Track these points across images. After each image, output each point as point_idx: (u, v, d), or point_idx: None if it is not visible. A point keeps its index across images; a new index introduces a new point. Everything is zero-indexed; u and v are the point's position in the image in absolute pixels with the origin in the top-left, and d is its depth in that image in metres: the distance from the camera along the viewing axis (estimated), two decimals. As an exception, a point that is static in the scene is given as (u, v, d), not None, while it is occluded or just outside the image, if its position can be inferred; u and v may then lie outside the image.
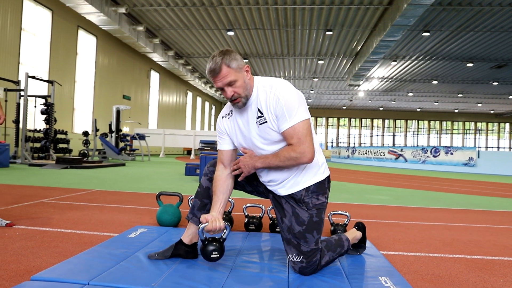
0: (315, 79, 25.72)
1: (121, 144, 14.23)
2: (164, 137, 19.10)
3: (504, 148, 39.14)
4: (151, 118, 22.96)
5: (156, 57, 19.76)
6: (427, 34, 15.33)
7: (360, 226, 2.15)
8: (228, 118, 1.87)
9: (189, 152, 26.27)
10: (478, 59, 18.90)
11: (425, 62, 20.08)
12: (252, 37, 17.34)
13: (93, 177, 6.51)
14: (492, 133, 40.59)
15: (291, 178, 1.78)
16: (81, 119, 15.70)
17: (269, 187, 1.88)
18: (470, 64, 19.64)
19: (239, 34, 16.89)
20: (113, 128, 13.71)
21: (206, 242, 1.69)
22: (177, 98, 27.15)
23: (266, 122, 1.70)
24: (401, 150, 17.89)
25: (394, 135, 40.05)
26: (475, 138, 40.53)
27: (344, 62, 21.17)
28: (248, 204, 2.83)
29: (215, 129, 37.71)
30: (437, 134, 39.59)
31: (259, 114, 1.72)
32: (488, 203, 5.12)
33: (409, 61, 20.17)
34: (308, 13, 14.00)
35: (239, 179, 1.85)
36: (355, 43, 17.69)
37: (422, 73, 22.66)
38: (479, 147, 18.73)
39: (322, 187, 1.81)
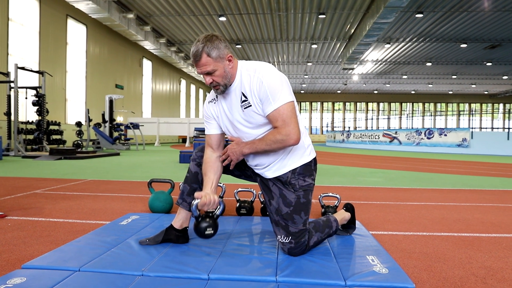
0: (309, 64, 25.58)
1: (115, 134, 14.18)
2: (158, 125, 19.03)
3: (498, 128, 39.40)
4: (144, 107, 22.82)
5: (148, 45, 19.53)
6: (421, 15, 15.23)
7: (349, 207, 2.18)
8: (214, 103, 1.88)
9: (184, 140, 26.23)
10: (472, 39, 18.84)
11: (418, 44, 20.00)
12: (244, 22, 17.15)
13: (87, 167, 6.50)
14: (486, 114, 40.79)
15: (277, 161, 1.79)
16: (74, 109, 15.57)
17: (256, 171, 1.89)
18: (464, 45, 19.59)
19: (231, 19, 16.69)
20: (107, 118, 13.62)
21: (200, 219, 1.68)
22: (171, 86, 26.96)
23: (251, 106, 1.71)
24: (396, 132, 17.97)
25: (388, 118, 40.15)
26: (469, 119, 40.74)
27: (338, 45, 21.04)
28: (240, 189, 2.85)
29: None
30: (432, 116, 39.71)
31: (244, 98, 1.72)
32: (479, 183, 5.18)
33: (402, 43, 20.08)
34: (300, -4, 13.85)
35: (230, 168, 1.86)
36: (348, 26, 17.55)
37: (416, 55, 22.60)
38: (473, 128, 18.79)
39: (309, 169, 1.83)
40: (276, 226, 1.81)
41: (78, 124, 12.34)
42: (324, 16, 15.61)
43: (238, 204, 2.73)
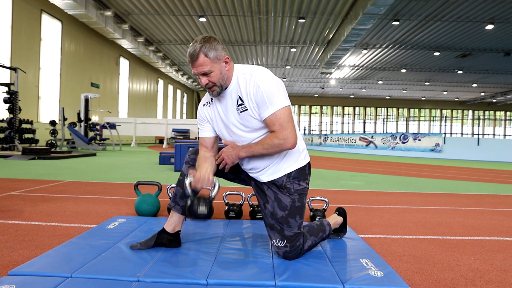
0: (288, 67, 25.77)
1: (91, 134, 13.80)
2: (135, 126, 18.68)
3: (467, 134, 40.92)
4: (121, 106, 22.34)
5: (126, 44, 19.15)
6: (397, 23, 15.64)
7: (341, 211, 2.20)
8: (209, 106, 1.87)
9: (161, 141, 25.86)
10: (445, 48, 19.50)
11: (394, 50, 20.52)
12: (224, 24, 17.10)
13: (63, 167, 6.30)
14: (456, 120, 42.30)
15: (272, 165, 1.80)
16: (47, 108, 15.04)
17: (251, 174, 1.89)
18: (437, 53, 20.25)
19: (211, 20, 16.61)
20: (82, 117, 13.25)
21: (193, 198, 1.61)
22: (148, 86, 26.53)
23: (247, 109, 1.71)
24: (372, 137, 18.36)
25: (364, 122, 40.95)
26: (440, 125, 42.11)
27: (316, 50, 21.30)
28: (228, 192, 2.84)
29: (187, 117, 37.24)
30: (405, 121, 40.82)
31: (240, 102, 1.72)
32: (455, 187, 5.36)
33: (379, 50, 20.55)
34: (281, 0, 13.94)
35: (225, 171, 1.84)
36: (327, 31, 17.80)
37: (392, 61, 23.18)
38: (444, 133, 19.48)
39: (303, 173, 1.84)
40: (271, 230, 1.81)
41: (52, 123, 11.93)
42: (304, 20, 15.77)
43: (226, 207, 2.72)
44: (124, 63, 22.44)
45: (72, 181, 4.60)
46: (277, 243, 1.77)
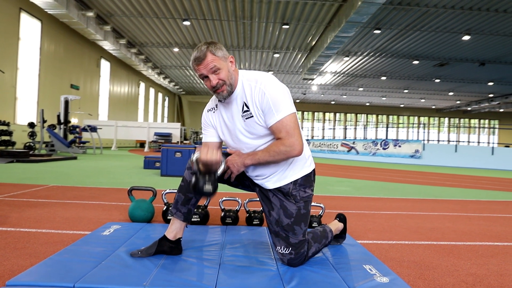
0: (270, 72, 25.92)
1: (71, 137, 13.46)
2: (116, 129, 18.33)
3: (443, 141, 42.08)
4: (101, 109, 21.88)
5: (107, 45, 18.81)
6: (378, 31, 15.99)
7: (342, 218, 2.22)
8: (214, 112, 1.85)
9: (142, 144, 25.46)
10: (423, 57, 20.06)
11: (375, 58, 20.96)
12: (208, 28, 17.06)
13: (44, 171, 6.11)
14: (433, 127, 43.48)
15: (278, 172, 1.79)
16: (24, 109, 14.58)
17: (255, 181, 1.87)
18: (416, 62, 20.81)
19: (195, 24, 16.54)
20: (62, 119, 12.90)
21: (199, 175, 1.60)
22: (129, 88, 26.12)
23: (252, 116, 1.70)
24: (353, 142, 18.63)
25: (345, 128, 41.58)
26: (418, 132, 43.18)
27: (299, 56, 21.52)
28: (224, 198, 2.81)
29: (168, 121, 36.83)
30: (385, 127, 41.61)
31: (245, 109, 1.71)
32: (439, 193, 5.49)
33: (360, 57, 20.94)
34: (266, 6, 14.02)
35: (231, 180, 1.82)
36: (310, 38, 18.02)
37: (372, 69, 23.65)
38: (423, 140, 20.03)
39: (309, 180, 1.84)
40: (275, 237, 1.80)
41: (31, 125, 11.56)
42: (287, 26, 15.92)
43: (223, 213, 2.69)
44: (105, 65, 22.02)
45: (56, 185, 4.46)
46: (281, 250, 1.76)
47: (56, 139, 11.10)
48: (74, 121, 17.09)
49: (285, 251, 1.75)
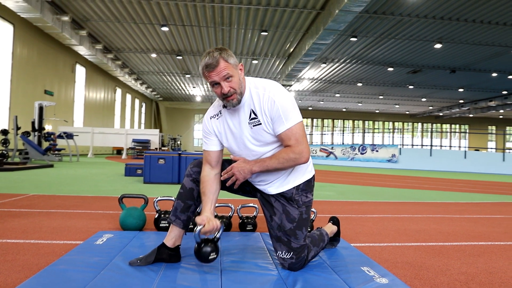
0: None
1: (46, 144, 13.05)
2: (92, 135, 17.92)
3: (417, 145, 43.33)
4: (76, 115, 21.34)
5: (83, 50, 18.41)
6: (355, 39, 16.39)
7: (335, 221, 2.26)
8: (217, 118, 1.84)
9: (119, 151, 24.96)
10: (398, 64, 20.68)
11: (351, 65, 21.43)
12: (187, 34, 17.00)
13: (21, 180, 5.90)
14: (407, 132, 44.73)
15: (281, 177, 1.82)
16: (-5, 116, 14.05)
17: (258, 186, 1.89)
18: (391, 69, 21.42)
19: (173, 30, 16.45)
20: (36, 126, 12.50)
21: (203, 244, 1.64)
22: (105, 94, 25.61)
23: (260, 124, 1.72)
24: (332, 148, 18.92)
25: (322, 134, 42.15)
26: (393, 137, 44.31)
27: (277, 62, 21.74)
28: (217, 204, 2.80)
29: (145, 127, 36.28)
30: (361, 132, 42.50)
31: (253, 116, 1.72)
32: (419, 196, 5.65)
33: (337, 64, 21.36)
34: (245, 12, 14.12)
35: (234, 187, 1.82)
36: (288, 45, 18.25)
37: (349, 75, 24.16)
38: (399, 144, 20.65)
39: (310, 185, 1.88)
40: (276, 242, 1.82)
41: (4, 132, 11.14)
42: (266, 33, 16.07)
43: (216, 220, 2.68)
44: (80, 71, 21.54)
45: (36, 194, 4.32)
46: (283, 255, 1.78)
47: (30, 146, 10.74)
48: (48, 128, 16.59)
49: (286, 255, 1.77)
